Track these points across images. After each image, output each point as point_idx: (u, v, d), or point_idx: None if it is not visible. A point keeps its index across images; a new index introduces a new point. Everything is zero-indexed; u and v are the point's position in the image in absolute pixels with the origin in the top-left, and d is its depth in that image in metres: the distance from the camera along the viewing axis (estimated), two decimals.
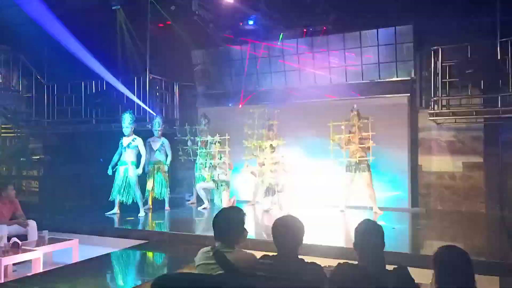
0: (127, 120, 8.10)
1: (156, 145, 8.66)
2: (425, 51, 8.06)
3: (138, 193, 8.08)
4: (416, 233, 6.75)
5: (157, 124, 8.68)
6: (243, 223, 2.98)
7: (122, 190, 8.06)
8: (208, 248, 2.93)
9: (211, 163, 8.76)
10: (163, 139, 8.74)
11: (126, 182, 8.05)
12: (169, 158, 8.79)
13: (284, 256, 2.77)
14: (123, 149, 8.12)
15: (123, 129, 8.11)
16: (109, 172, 8.10)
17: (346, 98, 8.86)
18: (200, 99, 10.41)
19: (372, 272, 2.51)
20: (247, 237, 3.03)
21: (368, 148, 7.96)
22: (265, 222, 7.44)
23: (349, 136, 8.06)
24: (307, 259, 2.81)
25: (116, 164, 8.14)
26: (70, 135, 10.12)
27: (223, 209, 3.17)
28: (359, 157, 7.90)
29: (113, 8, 8.67)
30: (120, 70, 9.54)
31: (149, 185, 8.65)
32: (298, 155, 9.17)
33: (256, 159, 8.57)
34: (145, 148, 8.33)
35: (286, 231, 2.81)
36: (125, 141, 8.13)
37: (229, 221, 2.95)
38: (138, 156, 8.20)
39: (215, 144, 8.78)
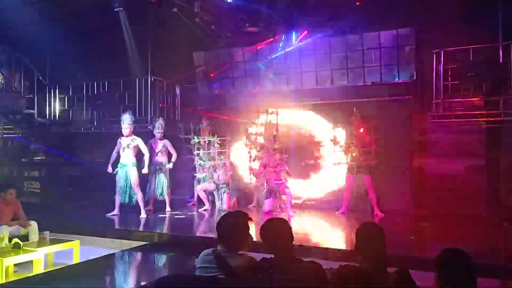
0: (126, 120, 8.10)
1: (157, 147, 8.65)
2: (427, 54, 8.05)
3: (139, 195, 8.07)
4: (418, 235, 6.74)
5: (159, 126, 8.64)
6: (248, 229, 2.91)
7: (125, 192, 8.07)
8: (210, 250, 2.89)
9: (211, 164, 8.76)
10: (165, 140, 8.73)
11: (128, 184, 8.05)
12: (174, 157, 8.76)
13: (281, 256, 2.77)
14: (122, 149, 8.11)
15: (122, 130, 8.11)
16: (109, 170, 8.10)
17: (348, 100, 8.87)
18: (201, 101, 10.41)
19: (373, 275, 2.51)
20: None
21: (371, 151, 7.95)
22: None
23: (351, 139, 8.06)
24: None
25: (115, 163, 8.15)
26: (71, 136, 10.13)
27: (228, 213, 3.10)
28: (362, 160, 7.90)
29: (115, 10, 8.68)
30: (122, 71, 9.55)
31: (150, 186, 8.65)
32: (300, 158, 9.17)
33: (258, 161, 8.58)
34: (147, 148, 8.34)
35: (270, 234, 2.82)
36: (124, 141, 8.13)
37: (233, 226, 2.89)
38: (138, 156, 8.20)
39: (214, 145, 8.78)
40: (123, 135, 8.14)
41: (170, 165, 8.71)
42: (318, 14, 8.52)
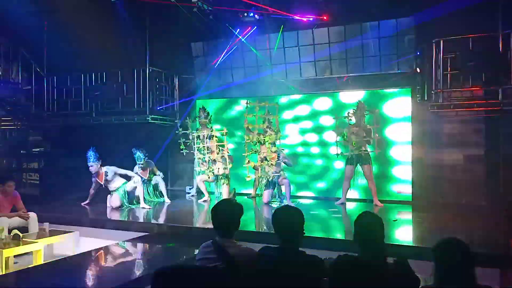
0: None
1: (145, 175, 8.57)
2: (427, 43, 8.00)
3: (139, 187, 8.08)
4: (417, 225, 6.75)
5: (139, 159, 8.42)
6: (240, 214, 3.02)
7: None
8: (209, 242, 2.92)
9: (210, 157, 8.72)
10: (151, 168, 8.64)
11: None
12: (162, 186, 8.68)
13: (286, 248, 2.77)
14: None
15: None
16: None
17: (347, 90, 8.86)
18: (200, 92, 10.36)
19: (372, 264, 2.51)
20: (249, 229, 3.05)
21: (371, 140, 7.93)
22: (266, 215, 7.45)
23: (353, 130, 8.04)
24: (308, 251, 2.80)
25: None
26: (70, 127, 10.10)
27: (220, 201, 3.18)
28: (364, 151, 7.87)
29: (113, 0, 8.62)
30: (119, 62, 9.50)
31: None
32: (300, 149, 9.16)
33: (257, 153, 8.55)
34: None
35: (286, 222, 2.81)
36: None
37: (227, 212, 2.98)
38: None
39: (212, 138, 8.72)
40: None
41: (168, 201, 8.59)
42: (317, 3, 8.47)
